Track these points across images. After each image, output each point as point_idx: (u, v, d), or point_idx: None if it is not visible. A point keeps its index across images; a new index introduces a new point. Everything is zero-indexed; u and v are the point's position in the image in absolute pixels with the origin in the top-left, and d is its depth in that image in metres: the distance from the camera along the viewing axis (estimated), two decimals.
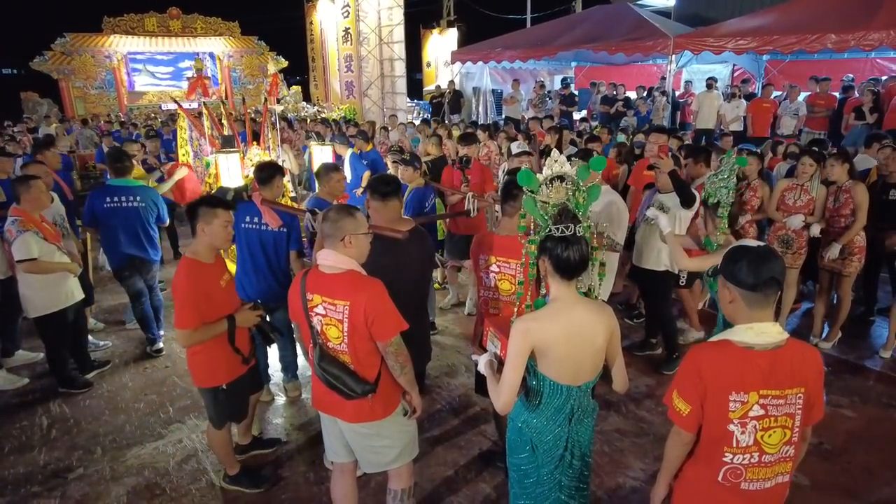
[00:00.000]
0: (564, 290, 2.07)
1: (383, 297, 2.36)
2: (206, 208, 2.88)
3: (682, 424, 1.87)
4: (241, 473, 3.30)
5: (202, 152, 5.90)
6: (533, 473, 2.24)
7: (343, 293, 2.33)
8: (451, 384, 4.38)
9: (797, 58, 12.82)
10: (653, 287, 4.63)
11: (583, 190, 2.11)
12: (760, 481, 1.84)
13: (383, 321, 2.34)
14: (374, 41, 16.11)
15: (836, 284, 4.90)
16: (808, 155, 4.85)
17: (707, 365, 1.81)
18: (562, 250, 2.00)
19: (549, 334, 2.01)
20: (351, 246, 2.38)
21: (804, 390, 1.80)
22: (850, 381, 4.44)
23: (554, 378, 2.07)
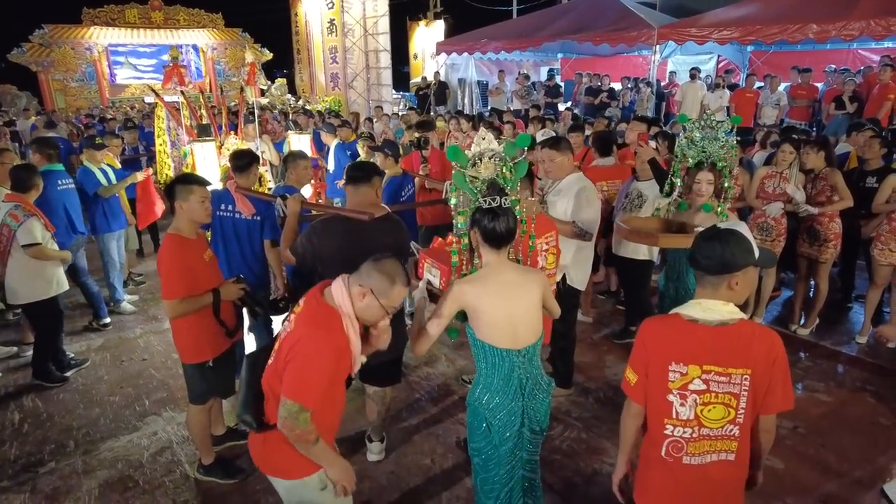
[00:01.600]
0: (495, 258, 2.20)
1: (317, 351, 1.95)
2: (181, 185, 2.93)
3: (631, 394, 1.95)
4: (216, 464, 3.27)
5: (179, 142, 5.83)
6: (493, 455, 2.25)
7: (303, 319, 2.06)
8: (431, 374, 4.36)
9: (781, 48, 12.90)
10: (632, 275, 4.64)
11: (510, 165, 2.23)
12: (701, 455, 1.84)
13: (293, 372, 1.95)
14: (358, 32, 15.98)
15: (813, 271, 4.93)
16: (788, 142, 4.88)
17: (651, 334, 1.89)
18: (489, 221, 2.13)
19: (482, 294, 2.14)
20: (360, 301, 2.04)
21: (751, 373, 1.78)
22: (827, 366, 4.48)
23: (493, 342, 2.16)
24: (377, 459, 3.37)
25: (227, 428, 3.61)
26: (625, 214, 4.44)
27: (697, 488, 1.88)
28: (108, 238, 5.48)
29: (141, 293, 6.10)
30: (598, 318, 5.28)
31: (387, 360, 3.03)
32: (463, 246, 2.29)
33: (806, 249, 4.84)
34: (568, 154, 3.63)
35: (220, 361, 3.09)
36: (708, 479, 1.87)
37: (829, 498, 3.05)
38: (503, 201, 2.17)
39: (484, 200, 2.18)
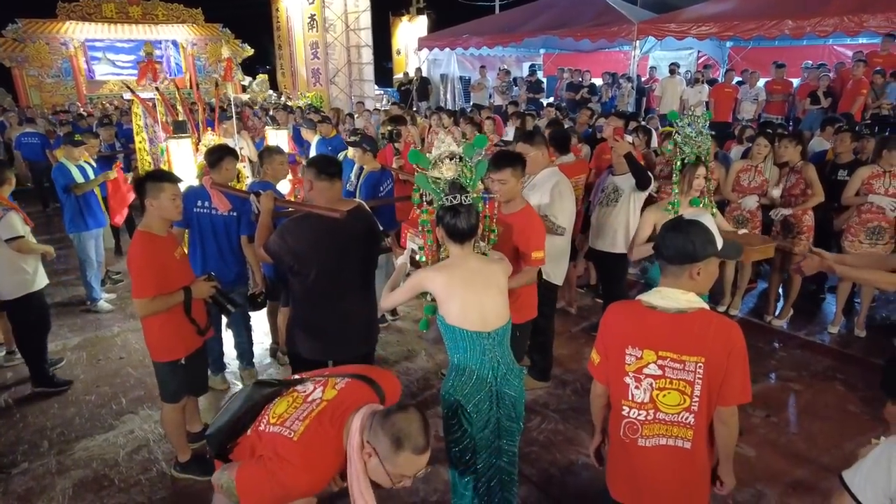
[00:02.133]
0: (459, 251, 2.34)
1: (277, 485, 1.83)
2: (152, 183, 2.89)
3: (595, 374, 2.04)
4: (193, 461, 3.25)
5: (156, 139, 5.77)
6: (469, 445, 2.28)
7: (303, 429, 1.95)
8: (411, 368, 4.38)
9: (759, 44, 13.05)
10: (609, 268, 4.68)
11: (470, 165, 2.37)
12: (656, 437, 1.88)
13: (246, 472, 1.93)
14: (340, 28, 15.89)
15: (787, 263, 5.02)
16: (763, 136, 4.96)
17: (611, 319, 1.97)
18: (451, 218, 2.26)
19: (449, 278, 2.26)
20: (366, 457, 1.91)
21: (704, 360, 1.78)
22: (799, 355, 4.57)
23: (462, 325, 2.24)
24: None
25: (204, 425, 3.57)
26: (602, 209, 4.49)
27: (653, 471, 1.92)
28: (86, 237, 5.41)
29: (119, 291, 6.04)
30: (578, 312, 5.33)
31: (359, 354, 3.03)
32: (429, 242, 2.42)
33: (780, 242, 4.92)
34: (542, 149, 3.65)
35: (192, 359, 3.09)
36: (662, 464, 1.89)
37: (798, 483, 3.12)
38: (464, 199, 2.29)
39: (446, 199, 2.30)
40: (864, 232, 4.59)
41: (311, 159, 3.09)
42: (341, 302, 2.91)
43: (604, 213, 4.44)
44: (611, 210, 4.40)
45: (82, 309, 5.57)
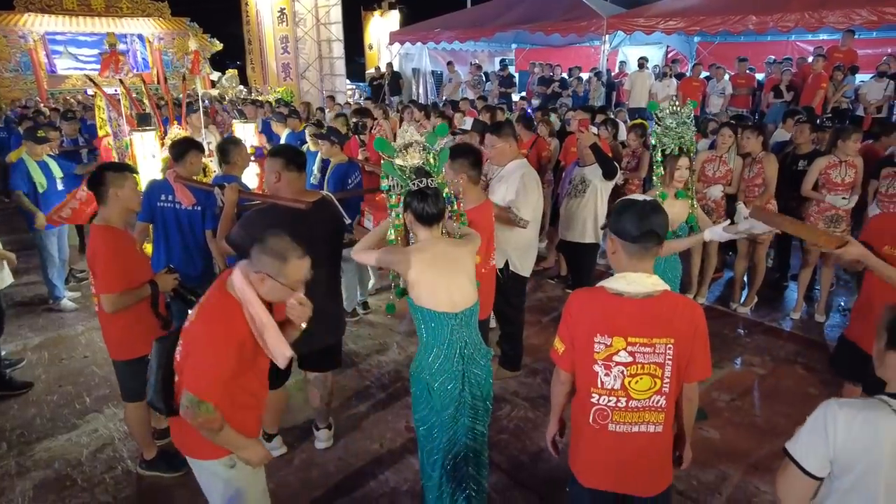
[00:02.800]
0: (427, 234, 2.39)
1: (211, 344, 1.94)
2: (114, 173, 2.83)
3: (559, 362, 2.00)
4: (159, 458, 3.20)
5: (121, 133, 5.64)
6: (436, 422, 2.35)
7: (203, 308, 2.05)
8: (382, 361, 4.37)
9: (725, 39, 13.33)
10: (579, 259, 4.74)
11: (433, 153, 2.45)
12: (627, 424, 1.89)
13: (191, 365, 1.97)
14: (310, 22, 15.69)
15: (752, 252, 5.14)
16: (727, 126, 5.07)
17: (577, 307, 1.93)
18: (418, 202, 2.33)
19: (418, 262, 2.31)
20: (262, 285, 1.99)
21: (673, 342, 1.83)
22: (763, 341, 4.69)
23: (431, 307, 2.30)
24: (325, 447, 3.37)
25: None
26: (570, 200, 4.54)
27: (624, 456, 1.94)
28: (48, 234, 5.26)
29: (83, 289, 5.88)
30: (547, 302, 5.39)
31: (325, 345, 3.03)
32: (397, 226, 2.48)
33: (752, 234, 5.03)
34: (510, 140, 3.66)
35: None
36: (635, 448, 1.92)
37: (758, 463, 3.21)
38: (430, 183, 2.38)
39: (413, 184, 2.38)
40: (822, 220, 4.73)
41: (278, 149, 3.05)
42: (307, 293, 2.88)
43: (572, 205, 4.49)
44: (579, 201, 4.45)
45: (45, 308, 5.43)
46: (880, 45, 11.78)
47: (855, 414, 1.46)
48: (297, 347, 2.99)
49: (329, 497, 3.04)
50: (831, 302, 5.26)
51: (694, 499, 2.99)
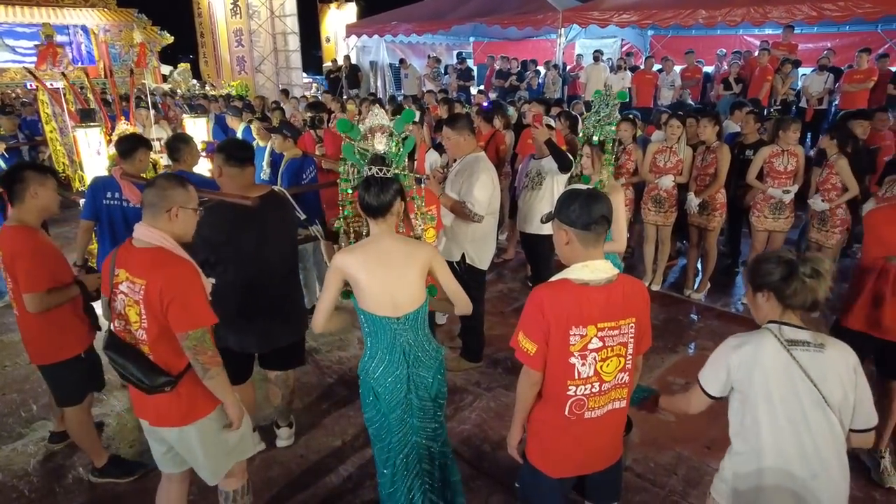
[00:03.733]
0: (378, 227, 2.24)
1: (187, 279, 2.07)
2: (35, 173, 2.74)
3: (530, 363, 1.93)
4: (110, 464, 3.10)
5: (66, 129, 5.42)
6: (384, 424, 2.29)
7: (143, 270, 2.06)
8: (343, 357, 4.33)
9: (678, 33, 13.66)
10: (539, 251, 4.78)
11: (398, 140, 2.31)
12: (601, 408, 1.94)
13: (180, 308, 2.03)
14: (265, 14, 15.38)
15: (703, 239, 5.30)
16: (675, 118, 5.19)
17: (549, 302, 1.87)
18: (363, 191, 2.18)
19: (358, 263, 2.18)
20: (177, 220, 2.13)
21: (635, 320, 1.91)
22: (717, 326, 4.85)
23: (373, 311, 2.19)
24: (287, 445, 3.33)
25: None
26: (527, 193, 4.58)
27: (595, 438, 1.99)
28: None
29: None
30: (508, 293, 5.44)
31: (285, 344, 2.98)
32: (347, 213, 2.40)
33: (696, 219, 5.19)
34: (465, 133, 3.64)
35: (90, 352, 2.99)
36: (604, 428, 1.99)
37: (712, 442, 3.32)
38: (378, 172, 2.22)
39: (366, 169, 2.24)
40: (767, 207, 4.91)
41: (220, 144, 2.98)
42: (265, 292, 2.84)
43: (529, 197, 4.53)
44: (536, 193, 4.50)
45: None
46: (820, 39, 12.31)
47: (742, 341, 1.87)
48: (262, 348, 2.97)
49: (291, 494, 3.01)
50: None
51: (651, 480, 3.08)
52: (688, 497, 2.97)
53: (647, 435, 3.34)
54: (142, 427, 2.35)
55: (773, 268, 1.84)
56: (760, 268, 1.88)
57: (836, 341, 1.85)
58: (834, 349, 1.81)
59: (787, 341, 1.80)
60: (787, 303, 1.83)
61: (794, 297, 1.81)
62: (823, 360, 1.78)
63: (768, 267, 1.85)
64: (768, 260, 1.87)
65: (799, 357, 1.78)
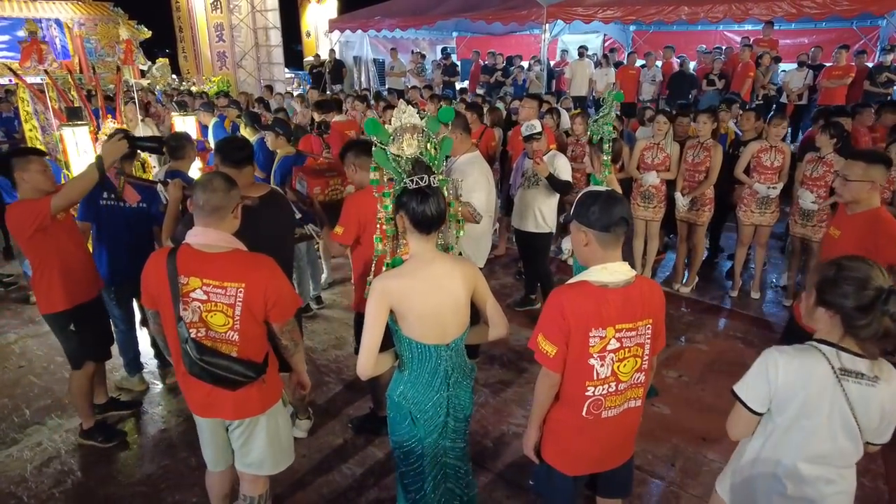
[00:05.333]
0: (423, 246, 2.01)
1: (279, 273, 2.22)
2: (17, 158, 2.96)
3: (550, 365, 1.93)
4: (95, 428, 3.37)
5: (49, 127, 5.31)
6: (417, 447, 2.16)
7: (236, 274, 2.11)
8: (340, 356, 4.33)
9: (659, 29, 13.79)
10: (533, 247, 4.82)
11: (434, 142, 2.03)
12: (617, 407, 1.98)
13: (284, 301, 2.22)
14: (245, 9, 15.17)
15: (691, 234, 5.38)
16: (661, 114, 5.25)
17: (569, 305, 1.87)
18: (418, 203, 1.92)
19: (409, 291, 1.97)
20: (237, 217, 2.23)
21: (651, 321, 1.95)
22: (705, 319, 4.95)
23: (419, 339, 2.01)
24: (302, 437, 3.38)
25: (109, 398, 3.71)
26: (523, 191, 4.61)
27: (611, 437, 2.03)
28: None
29: (13, 295, 5.54)
30: (501, 289, 5.48)
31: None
32: (389, 232, 2.08)
33: (684, 214, 5.27)
34: (457, 132, 3.63)
35: (82, 322, 3.17)
36: (620, 426, 2.02)
37: (707, 434, 3.40)
38: (431, 181, 1.96)
39: (411, 181, 1.95)
40: (754, 202, 5.00)
41: (218, 144, 2.95)
42: None
43: (526, 195, 4.57)
44: (532, 192, 4.53)
45: None
46: (799, 35, 12.54)
47: (791, 359, 1.71)
48: None
49: (293, 493, 3.02)
50: (765, 279, 5.60)
51: (650, 472, 3.14)
52: (686, 488, 3.04)
53: (644, 427, 3.36)
54: (201, 427, 2.39)
55: (850, 290, 1.63)
56: (838, 286, 1.65)
57: (890, 370, 1.69)
58: (886, 381, 1.66)
59: (840, 370, 1.66)
60: (853, 333, 1.66)
61: (864, 330, 1.63)
62: (874, 393, 1.65)
63: (847, 289, 1.63)
64: (851, 279, 1.63)
65: (849, 389, 1.65)
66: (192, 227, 2.32)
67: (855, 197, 2.85)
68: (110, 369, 3.87)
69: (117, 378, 3.98)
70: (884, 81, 8.70)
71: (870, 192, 2.83)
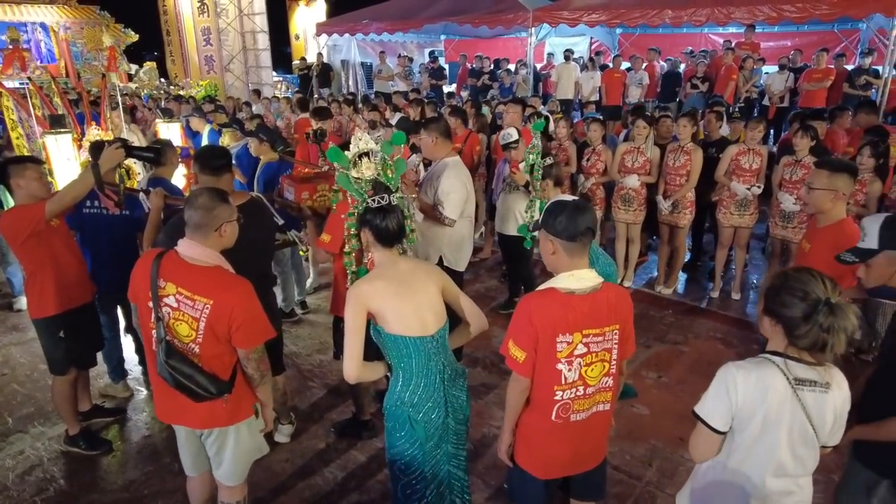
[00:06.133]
0: (387, 255, 2.20)
1: (252, 298, 2.19)
2: (14, 165, 3.04)
3: (520, 370, 1.98)
4: (80, 435, 3.38)
5: (34, 134, 5.31)
6: (418, 454, 2.18)
7: (207, 290, 2.13)
8: (324, 361, 4.36)
9: (645, 31, 13.90)
10: (516, 251, 4.87)
11: (390, 164, 2.25)
12: (585, 411, 2.03)
13: (251, 328, 2.18)
14: (233, 13, 15.16)
15: (673, 236, 5.46)
16: (641, 118, 5.33)
17: (537, 311, 1.93)
18: (380, 220, 2.12)
19: (381, 290, 2.11)
20: (225, 235, 2.22)
21: (619, 327, 2.00)
22: (686, 320, 5.02)
23: (405, 333, 2.10)
24: (285, 441, 3.42)
25: (93, 404, 3.71)
26: (505, 195, 4.67)
27: (581, 440, 2.07)
28: None
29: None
30: (485, 292, 5.53)
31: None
32: (353, 247, 2.30)
33: (666, 217, 5.34)
34: (434, 135, 3.66)
35: (71, 330, 3.18)
36: (590, 430, 2.07)
37: (685, 435, 3.35)
38: (391, 199, 2.17)
39: (372, 200, 2.17)
40: (733, 205, 5.09)
41: (197, 152, 3.01)
42: None
43: (507, 199, 4.62)
44: (513, 196, 4.59)
45: None
46: (781, 38, 12.73)
47: (749, 373, 1.70)
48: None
49: (276, 497, 3.05)
50: (746, 280, 5.68)
51: (627, 472, 3.20)
52: (663, 488, 3.09)
53: (622, 428, 3.46)
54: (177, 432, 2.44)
55: (792, 301, 1.65)
56: (780, 295, 1.68)
57: (839, 375, 1.73)
58: (837, 386, 1.70)
59: (795, 380, 1.67)
60: (793, 342, 1.69)
61: (801, 340, 1.65)
62: (828, 399, 1.69)
63: (788, 298, 1.66)
64: (792, 290, 1.66)
65: (805, 399, 1.67)
66: (174, 235, 2.39)
67: (818, 206, 2.89)
68: (94, 376, 3.88)
69: (101, 385, 3.99)
70: (862, 84, 8.84)
71: (834, 201, 2.85)
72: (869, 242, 2.09)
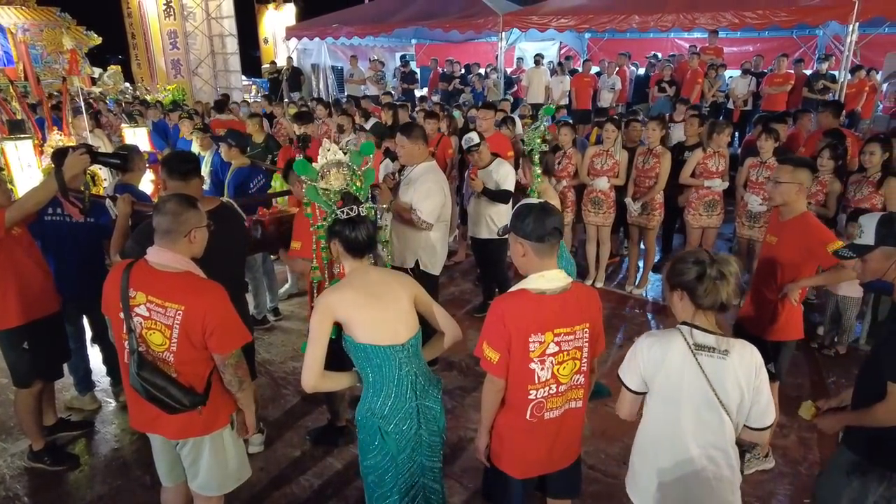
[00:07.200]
0: (357, 265, 2.19)
1: (225, 302, 2.16)
2: None
3: (494, 371, 2.02)
4: (45, 450, 3.29)
5: None
6: (390, 468, 2.13)
7: (178, 296, 2.09)
8: (297, 368, 4.31)
9: (613, 36, 14.14)
10: (488, 254, 4.91)
11: (359, 174, 2.25)
12: (558, 408, 2.07)
13: (225, 332, 2.14)
14: (200, 16, 14.93)
15: (643, 238, 5.56)
16: (610, 122, 5.42)
17: (509, 313, 1.97)
18: (349, 231, 2.12)
19: (350, 299, 2.08)
20: (195, 241, 2.20)
21: (589, 325, 2.05)
22: (657, 319, 5.11)
23: (375, 342, 2.06)
24: (258, 451, 3.36)
25: (58, 418, 3.60)
26: (476, 199, 4.70)
27: (555, 438, 2.11)
28: None
29: None
30: (460, 295, 5.55)
31: None
32: (324, 259, 2.30)
33: (636, 219, 5.44)
34: (419, 142, 3.71)
35: (36, 340, 3.10)
36: (563, 427, 2.11)
37: None
38: (360, 210, 2.17)
39: (341, 211, 2.17)
40: (702, 205, 5.21)
41: (164, 157, 2.96)
42: None
43: (477, 204, 4.66)
44: (483, 200, 4.62)
45: None
46: (743, 43, 13.10)
47: (655, 340, 1.92)
48: None
49: None
50: None
51: (603, 471, 3.24)
52: None
53: (597, 427, 3.51)
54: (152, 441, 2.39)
55: (687, 268, 1.85)
56: (676, 267, 1.89)
57: (744, 344, 1.88)
58: (737, 354, 1.84)
59: (694, 345, 1.84)
60: (698, 303, 1.85)
61: (705, 298, 1.82)
62: (725, 366, 1.83)
63: (683, 267, 1.86)
64: (684, 259, 1.88)
65: (703, 363, 1.83)
66: (143, 242, 2.34)
67: (785, 198, 3.01)
68: (59, 388, 3.77)
69: (67, 397, 3.88)
70: (820, 88, 9.15)
71: (798, 194, 2.98)
72: (866, 239, 2.17)
